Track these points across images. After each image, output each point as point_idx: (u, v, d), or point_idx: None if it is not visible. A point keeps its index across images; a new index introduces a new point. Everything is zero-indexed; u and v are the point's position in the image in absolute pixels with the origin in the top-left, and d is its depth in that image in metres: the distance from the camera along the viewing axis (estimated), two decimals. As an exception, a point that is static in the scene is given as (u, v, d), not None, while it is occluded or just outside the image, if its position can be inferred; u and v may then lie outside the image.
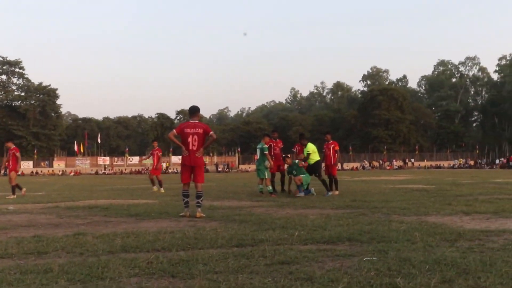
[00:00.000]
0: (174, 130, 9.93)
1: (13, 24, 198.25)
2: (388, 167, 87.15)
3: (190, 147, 9.66)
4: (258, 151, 15.75)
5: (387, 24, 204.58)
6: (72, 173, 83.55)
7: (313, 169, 15.91)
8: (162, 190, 18.93)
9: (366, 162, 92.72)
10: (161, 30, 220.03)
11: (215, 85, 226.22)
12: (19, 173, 18.10)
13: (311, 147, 16.24)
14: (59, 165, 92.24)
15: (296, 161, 15.56)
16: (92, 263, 4.83)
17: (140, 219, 9.07)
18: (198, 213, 9.32)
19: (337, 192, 15.45)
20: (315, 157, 16.21)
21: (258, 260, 4.88)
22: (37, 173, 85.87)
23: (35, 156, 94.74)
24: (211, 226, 7.63)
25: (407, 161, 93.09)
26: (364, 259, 4.89)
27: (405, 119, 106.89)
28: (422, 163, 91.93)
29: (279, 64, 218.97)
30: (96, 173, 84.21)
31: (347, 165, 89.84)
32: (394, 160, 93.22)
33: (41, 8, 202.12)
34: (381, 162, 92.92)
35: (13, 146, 17.76)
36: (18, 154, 17.68)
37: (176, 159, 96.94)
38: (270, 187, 15.45)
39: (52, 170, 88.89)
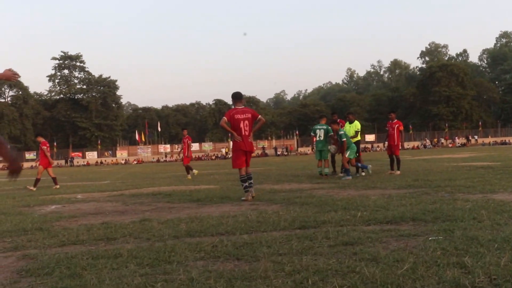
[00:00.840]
0: (224, 118, 9.92)
1: (72, 18, 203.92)
2: (450, 145, 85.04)
3: (243, 133, 9.83)
4: (322, 132, 15.55)
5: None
6: (135, 162, 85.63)
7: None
8: (193, 173, 20.07)
9: (427, 140, 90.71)
10: (216, 16, 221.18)
11: (271, 69, 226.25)
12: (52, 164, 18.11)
13: (359, 125, 16.03)
14: (122, 154, 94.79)
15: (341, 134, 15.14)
16: (159, 247, 4.96)
17: (202, 204, 9.23)
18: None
19: (398, 172, 15.23)
20: (359, 136, 16.07)
21: (321, 242, 4.89)
22: (101, 162, 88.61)
23: (99, 147, 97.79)
24: (273, 209, 7.68)
25: (470, 138, 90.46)
26: (430, 238, 4.81)
27: (467, 95, 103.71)
28: (486, 140, 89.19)
29: (335, 45, 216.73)
30: (158, 161, 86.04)
31: (408, 144, 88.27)
32: (456, 137, 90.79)
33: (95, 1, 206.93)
34: (442, 140, 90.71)
35: (42, 140, 17.60)
36: (43, 147, 17.44)
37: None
38: (327, 169, 15.48)
39: (116, 159, 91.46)
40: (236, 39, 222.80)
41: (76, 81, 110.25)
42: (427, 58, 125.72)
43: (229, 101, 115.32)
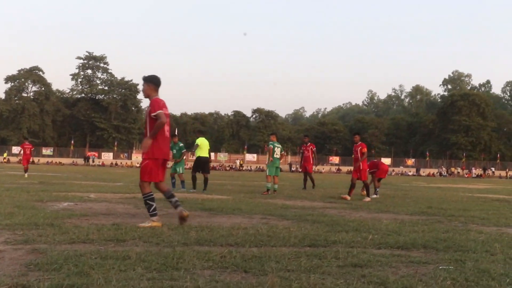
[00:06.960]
0: (160, 111, 7.82)
1: (99, 21, 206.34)
2: (466, 175, 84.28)
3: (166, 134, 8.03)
4: (278, 150, 16.58)
5: (469, 27, 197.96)
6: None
7: (196, 164, 16.88)
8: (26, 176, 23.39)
9: (443, 168, 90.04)
10: (240, 29, 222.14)
11: (291, 85, 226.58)
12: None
13: (199, 141, 16.74)
14: (137, 157, 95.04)
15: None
16: (167, 253, 4.95)
17: (213, 214, 9.23)
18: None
19: (368, 199, 14.17)
20: (200, 153, 16.72)
21: (330, 261, 4.85)
22: (116, 164, 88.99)
23: (115, 148, 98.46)
24: (283, 225, 7.65)
25: (487, 169, 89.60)
26: (440, 267, 4.75)
27: (487, 126, 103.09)
28: (503, 173, 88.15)
29: (357, 65, 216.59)
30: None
31: (424, 171, 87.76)
32: (473, 168, 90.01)
33: (123, 7, 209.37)
34: (459, 170, 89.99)
35: None
36: None
37: (250, 157, 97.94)
38: (276, 185, 16.61)
39: (131, 162, 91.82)
40: (257, 52, 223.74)
41: (98, 81, 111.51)
42: (449, 86, 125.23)
43: (247, 113, 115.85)
